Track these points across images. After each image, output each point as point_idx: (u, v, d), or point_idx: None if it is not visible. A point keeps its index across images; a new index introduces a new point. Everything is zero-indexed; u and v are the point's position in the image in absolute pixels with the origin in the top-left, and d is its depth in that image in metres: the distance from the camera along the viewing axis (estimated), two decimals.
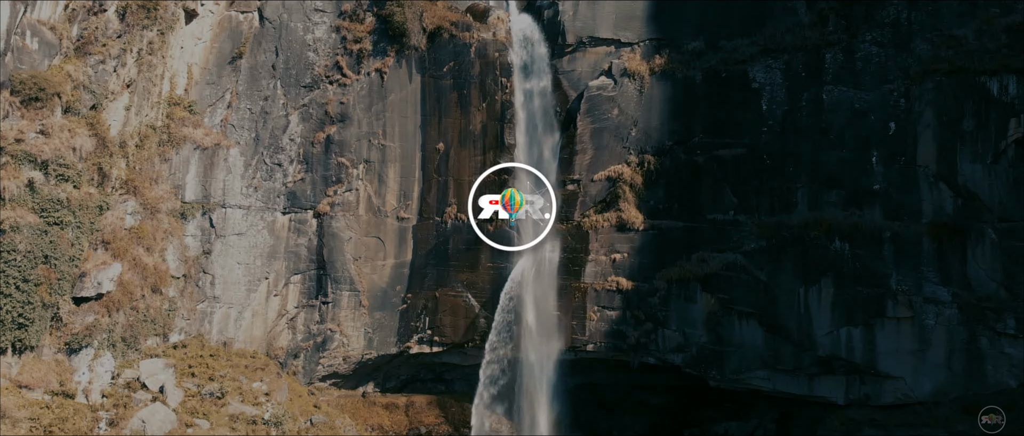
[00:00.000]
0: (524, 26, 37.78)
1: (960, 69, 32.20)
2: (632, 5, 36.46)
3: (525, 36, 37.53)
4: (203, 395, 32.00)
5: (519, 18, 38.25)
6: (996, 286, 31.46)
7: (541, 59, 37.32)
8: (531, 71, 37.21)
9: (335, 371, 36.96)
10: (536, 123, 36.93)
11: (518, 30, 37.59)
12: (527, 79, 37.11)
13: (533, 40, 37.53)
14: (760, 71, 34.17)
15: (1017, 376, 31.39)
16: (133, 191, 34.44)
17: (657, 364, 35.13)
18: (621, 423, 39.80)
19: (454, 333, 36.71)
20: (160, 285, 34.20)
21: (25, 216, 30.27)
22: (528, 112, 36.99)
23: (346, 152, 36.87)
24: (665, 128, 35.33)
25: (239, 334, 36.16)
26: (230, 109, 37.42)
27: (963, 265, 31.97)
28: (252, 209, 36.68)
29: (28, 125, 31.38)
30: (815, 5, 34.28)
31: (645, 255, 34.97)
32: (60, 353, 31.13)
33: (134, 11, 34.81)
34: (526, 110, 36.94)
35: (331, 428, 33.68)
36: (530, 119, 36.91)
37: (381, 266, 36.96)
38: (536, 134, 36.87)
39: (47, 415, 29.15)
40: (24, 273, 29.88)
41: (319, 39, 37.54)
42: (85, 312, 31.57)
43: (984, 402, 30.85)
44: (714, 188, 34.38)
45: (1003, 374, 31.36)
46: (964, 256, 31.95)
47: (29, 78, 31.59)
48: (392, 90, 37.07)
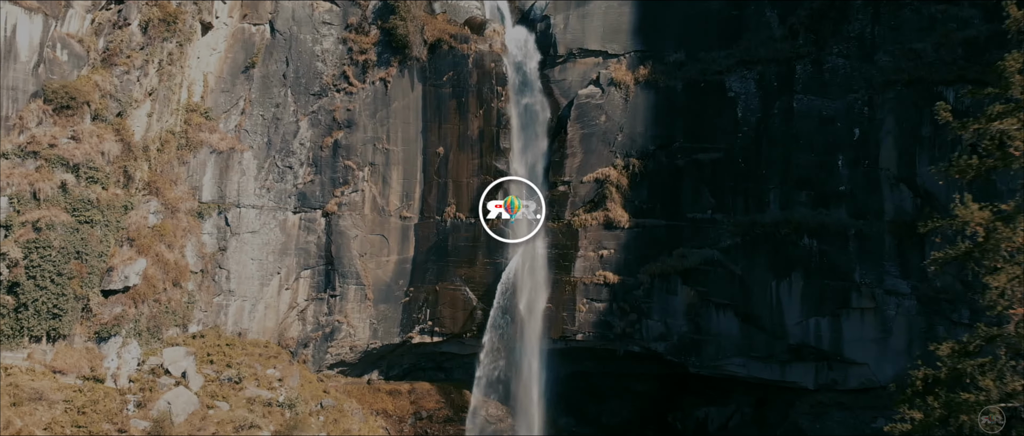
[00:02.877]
0: (518, 38, 40.39)
1: (919, 80, 34.75)
2: (618, 19, 39.09)
3: (519, 48, 40.12)
4: (222, 380, 34.60)
5: (514, 31, 40.88)
6: (951, 279, 33.96)
7: (534, 69, 39.93)
8: (525, 80, 39.81)
9: (342, 359, 39.54)
10: (529, 129, 39.55)
11: (513, 42, 40.19)
12: (521, 88, 39.70)
13: (527, 51, 40.13)
14: (736, 81, 36.80)
15: None
16: (155, 192, 36.95)
17: (641, 352, 37.77)
18: (609, 409, 42.21)
19: (453, 324, 39.26)
20: (180, 279, 36.75)
21: (59, 215, 32.84)
22: (522, 118, 39.55)
23: (352, 155, 39.42)
24: (649, 133, 37.94)
25: (253, 325, 38.71)
26: (244, 115, 39.92)
27: (921, 260, 34.29)
28: (265, 209, 39.23)
29: (60, 131, 33.94)
30: (787, 20, 36.86)
31: (630, 251, 37.55)
32: (90, 341, 33.68)
33: (155, 24, 37.30)
34: (520, 116, 39.50)
35: (339, 412, 36.29)
36: (524, 125, 39.48)
37: (385, 262, 39.56)
38: (529, 139, 39.49)
39: (80, 398, 31.70)
40: (58, 268, 32.45)
41: (327, 50, 40.08)
42: (113, 304, 34.13)
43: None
44: (693, 189, 36.99)
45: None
46: (922, 252, 34.35)
47: (61, 88, 34.12)
48: (395, 98, 39.64)
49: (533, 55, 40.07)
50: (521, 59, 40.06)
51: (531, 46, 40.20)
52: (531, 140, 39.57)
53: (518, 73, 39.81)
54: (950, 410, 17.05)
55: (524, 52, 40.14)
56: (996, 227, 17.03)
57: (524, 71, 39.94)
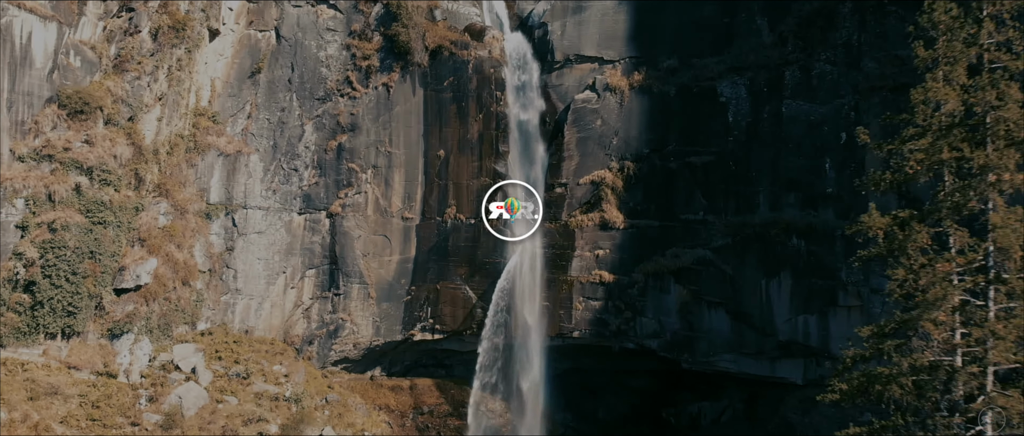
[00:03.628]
0: (517, 45, 41.63)
1: (903, 86, 35.57)
2: (614, 26, 40.35)
3: (518, 54, 41.36)
4: (230, 376, 35.84)
5: (512, 37, 42.13)
6: None
7: (532, 75, 41.19)
8: (523, 85, 41.08)
9: (346, 356, 40.79)
10: (527, 132, 40.83)
11: (511, 49, 41.43)
12: (519, 93, 40.98)
13: (525, 57, 41.38)
14: (727, 87, 38.03)
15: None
16: (165, 193, 38.18)
17: (636, 349, 39.02)
18: (605, 404, 43.45)
19: (454, 322, 40.54)
20: (189, 278, 37.97)
21: (73, 216, 34.08)
22: (520, 122, 40.85)
23: (356, 158, 40.66)
24: (643, 137, 39.21)
25: (259, 323, 39.95)
26: (250, 119, 41.13)
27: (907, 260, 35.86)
28: (271, 210, 40.45)
29: (74, 135, 35.18)
30: (776, 28, 38.08)
31: (625, 251, 38.81)
32: (103, 338, 34.93)
33: (165, 31, 38.53)
34: (518, 120, 40.79)
35: (344, 406, 37.53)
36: (522, 129, 40.77)
37: (387, 261, 40.81)
38: (527, 142, 40.77)
39: (94, 392, 32.93)
40: (73, 267, 33.68)
41: (331, 56, 41.32)
42: (125, 302, 35.38)
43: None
44: (686, 191, 38.24)
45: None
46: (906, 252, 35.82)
47: (74, 93, 35.36)
48: (397, 102, 40.90)
49: (531, 61, 41.32)
50: (519, 65, 41.29)
51: (529, 52, 41.45)
52: (529, 143, 40.82)
53: (516, 78, 41.05)
54: (869, 381, 19.92)
55: (522, 58, 41.38)
56: (894, 231, 20.33)
57: (522, 76, 41.18)
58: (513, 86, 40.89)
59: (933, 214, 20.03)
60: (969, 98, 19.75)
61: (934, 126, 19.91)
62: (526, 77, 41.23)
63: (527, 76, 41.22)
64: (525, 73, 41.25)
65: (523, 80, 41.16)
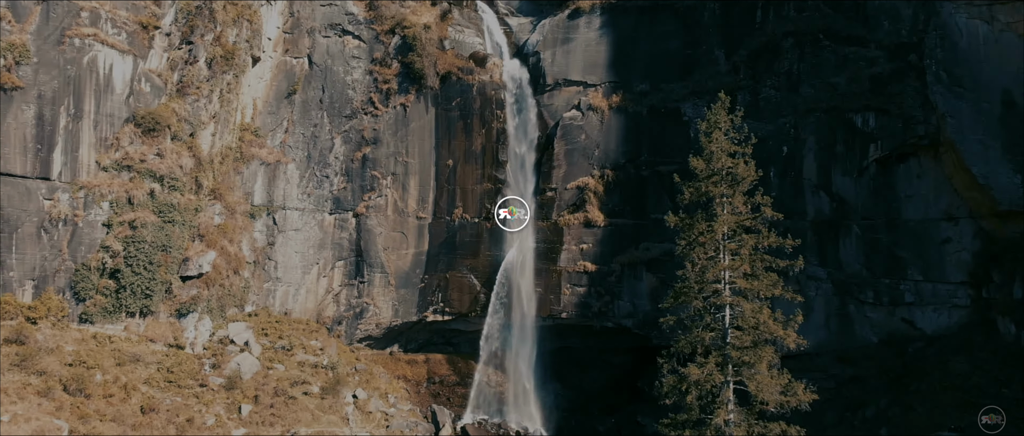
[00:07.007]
0: (514, 70, 48.78)
1: (834, 108, 42.84)
2: (596, 56, 47.55)
3: (514, 78, 48.50)
4: (276, 348, 43.02)
5: (510, 64, 49.28)
6: (859, 267, 42.43)
7: (527, 95, 48.32)
8: (519, 105, 48.23)
9: (369, 334, 47.93)
10: (523, 145, 48.00)
11: (509, 73, 48.56)
12: (516, 111, 48.11)
13: (521, 81, 48.49)
14: (689, 107, 45.13)
15: (877, 333, 42.16)
16: (218, 197, 45.29)
17: (614, 327, 46.14)
18: (590, 377, 50.17)
19: (461, 305, 47.66)
20: (239, 268, 45.13)
21: (148, 216, 41.24)
22: (517, 136, 48.03)
23: (378, 167, 47.76)
24: (620, 149, 46.33)
25: (296, 306, 47.09)
26: (287, 133, 48.22)
27: (836, 251, 42.74)
28: (306, 211, 47.57)
29: (148, 149, 42.33)
30: (731, 58, 45.20)
31: (605, 245, 45.92)
32: (172, 317, 42.07)
33: (218, 60, 45.65)
34: (515, 135, 47.97)
35: (370, 374, 44.75)
36: (518, 141, 47.97)
37: (404, 254, 47.96)
38: (523, 153, 47.93)
39: (168, 360, 40.03)
40: (149, 258, 40.84)
41: (356, 80, 48.42)
42: (189, 287, 42.51)
43: (853, 353, 41.46)
44: (656, 195, 45.30)
45: (867, 332, 42.23)
46: (837, 245, 42.77)
47: (147, 114, 42.49)
48: (413, 119, 48.02)
49: (526, 84, 48.40)
50: (516, 87, 48.36)
51: (524, 77, 48.54)
52: (523, 154, 47.96)
53: (514, 99, 48.16)
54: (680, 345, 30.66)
55: (518, 82, 48.45)
56: (687, 225, 30.15)
57: (519, 97, 48.29)
58: (511, 105, 47.99)
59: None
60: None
61: (702, 176, 31.36)
62: (522, 98, 48.25)
63: (523, 97, 48.27)
64: (521, 94, 48.27)
65: (519, 100, 48.18)
